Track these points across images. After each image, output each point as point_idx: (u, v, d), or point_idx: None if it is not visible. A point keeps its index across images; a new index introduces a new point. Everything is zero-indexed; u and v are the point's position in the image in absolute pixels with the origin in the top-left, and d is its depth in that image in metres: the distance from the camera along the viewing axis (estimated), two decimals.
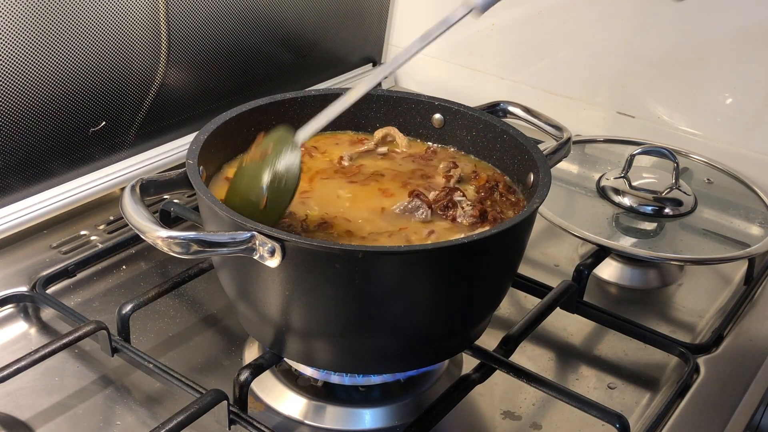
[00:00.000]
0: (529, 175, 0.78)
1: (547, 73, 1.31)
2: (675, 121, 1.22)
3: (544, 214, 0.99)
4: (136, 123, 1.07)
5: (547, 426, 0.77)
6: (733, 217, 1.05)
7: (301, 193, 0.77)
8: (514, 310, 0.92)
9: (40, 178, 0.99)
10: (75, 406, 0.75)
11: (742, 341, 0.89)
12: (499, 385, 0.80)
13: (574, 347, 0.88)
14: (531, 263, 1.00)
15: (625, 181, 1.05)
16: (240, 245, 0.62)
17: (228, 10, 1.12)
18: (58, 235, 0.98)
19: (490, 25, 1.34)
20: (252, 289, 0.69)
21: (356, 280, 0.64)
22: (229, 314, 0.88)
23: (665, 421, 0.76)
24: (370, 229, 0.73)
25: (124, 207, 0.64)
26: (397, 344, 0.71)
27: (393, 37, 1.47)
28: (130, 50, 1.02)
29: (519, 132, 0.82)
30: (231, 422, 0.71)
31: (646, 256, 0.95)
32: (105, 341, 0.79)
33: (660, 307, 0.96)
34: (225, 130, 0.79)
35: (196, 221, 0.97)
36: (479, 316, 0.75)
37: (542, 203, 0.70)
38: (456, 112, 0.87)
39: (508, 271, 0.75)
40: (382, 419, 0.76)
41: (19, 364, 0.73)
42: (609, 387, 0.82)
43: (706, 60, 1.17)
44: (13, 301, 0.87)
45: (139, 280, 0.93)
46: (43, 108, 0.95)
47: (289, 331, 0.70)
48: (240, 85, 1.19)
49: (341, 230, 0.73)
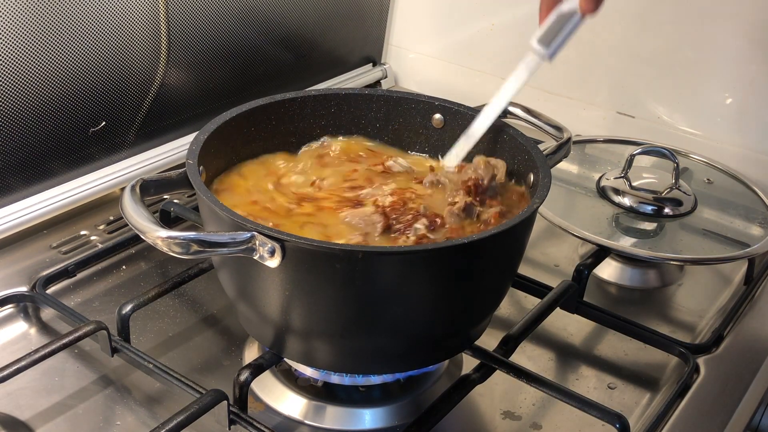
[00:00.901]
0: (529, 175, 0.78)
1: (547, 73, 1.31)
2: (675, 121, 1.22)
3: (544, 214, 0.99)
4: (136, 123, 1.07)
5: (547, 426, 0.77)
6: (733, 217, 1.05)
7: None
8: (514, 310, 0.92)
9: (40, 178, 0.99)
10: (75, 406, 0.75)
11: (742, 341, 0.89)
12: (499, 385, 0.80)
13: (574, 347, 0.88)
14: (531, 263, 1.00)
15: (625, 181, 1.05)
16: (240, 245, 0.62)
17: (228, 10, 1.12)
18: (58, 235, 0.98)
19: (490, 25, 1.34)
20: (252, 289, 0.69)
21: (356, 280, 0.64)
22: (229, 314, 0.88)
23: (665, 421, 0.76)
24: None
25: (124, 207, 0.64)
26: (397, 344, 0.71)
27: (393, 37, 1.47)
28: (130, 50, 1.02)
29: (519, 132, 0.82)
30: (231, 422, 0.71)
31: (646, 256, 0.95)
32: (105, 341, 0.79)
33: (660, 307, 0.96)
34: (225, 130, 0.79)
35: (196, 221, 0.97)
36: (479, 316, 0.75)
37: (542, 203, 0.70)
38: (456, 112, 0.87)
39: (508, 271, 0.75)
40: (382, 419, 0.76)
41: (19, 364, 0.73)
42: (609, 387, 0.82)
43: (706, 60, 1.17)
44: (13, 301, 0.87)
45: (139, 280, 0.93)
46: (43, 108, 0.95)
47: (289, 331, 0.70)
48: (240, 85, 1.19)
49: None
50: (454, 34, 1.40)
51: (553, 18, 0.77)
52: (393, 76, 1.49)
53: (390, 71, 1.48)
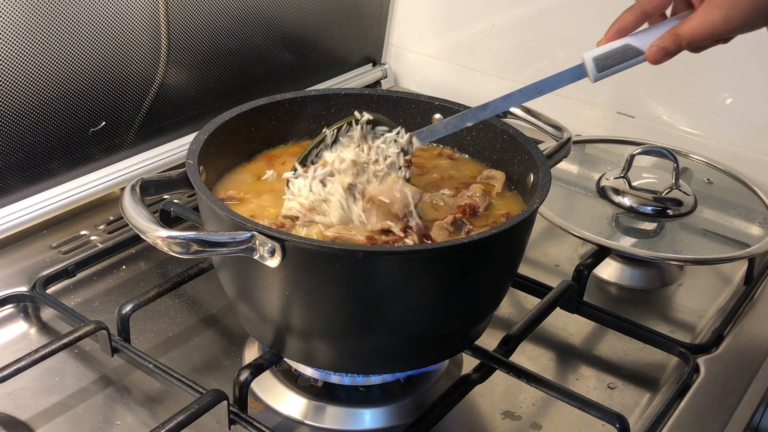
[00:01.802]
0: (529, 175, 0.78)
1: (547, 73, 1.31)
2: (675, 121, 1.22)
3: (544, 214, 0.99)
4: (136, 123, 1.07)
5: (547, 426, 0.77)
6: (733, 217, 1.05)
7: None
8: (514, 310, 0.92)
9: (40, 178, 0.99)
10: (75, 406, 0.75)
11: (742, 341, 0.89)
12: (499, 385, 0.80)
13: (574, 347, 0.88)
14: (531, 263, 1.00)
15: (625, 181, 1.05)
16: (240, 245, 0.62)
17: (228, 10, 1.12)
18: (58, 235, 0.98)
19: (490, 25, 1.34)
20: (252, 289, 0.69)
21: (356, 280, 0.64)
22: (229, 314, 0.88)
23: (665, 421, 0.76)
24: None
25: (124, 207, 0.64)
26: (397, 344, 0.71)
27: (393, 37, 1.47)
28: (130, 50, 1.02)
29: (519, 132, 0.82)
30: (231, 422, 0.71)
31: (646, 256, 0.95)
32: (105, 341, 0.79)
33: (660, 307, 0.96)
34: (225, 130, 0.79)
35: (196, 221, 0.97)
36: (479, 316, 0.75)
37: (542, 203, 0.70)
38: (456, 112, 0.87)
39: (508, 271, 0.75)
40: (382, 419, 0.76)
41: (19, 364, 0.73)
42: (609, 387, 0.82)
43: (706, 60, 1.16)
44: (13, 301, 0.87)
45: (139, 280, 0.93)
46: (43, 108, 0.95)
47: (289, 331, 0.70)
48: (240, 85, 1.19)
49: None
50: (454, 34, 1.40)
51: (619, 45, 0.71)
52: (393, 76, 1.49)
53: (390, 71, 1.48)
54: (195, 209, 0.99)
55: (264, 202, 0.78)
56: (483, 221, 0.77)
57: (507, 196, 0.81)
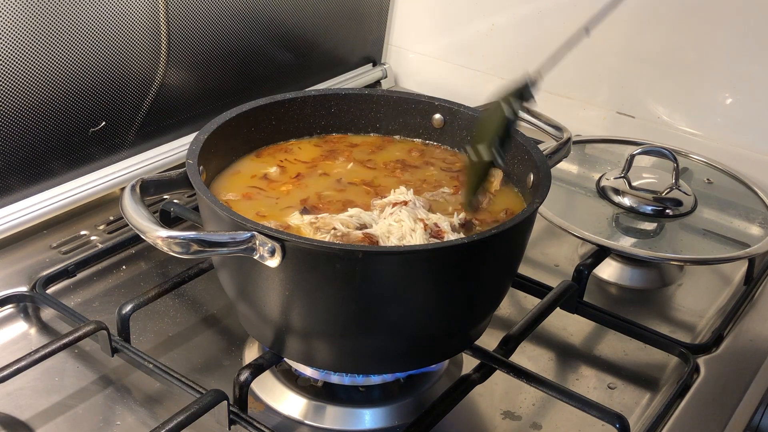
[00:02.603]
0: (529, 175, 0.78)
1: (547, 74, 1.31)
2: (675, 121, 1.22)
3: (544, 214, 0.99)
4: (136, 123, 1.07)
5: (547, 426, 0.77)
6: (733, 217, 1.05)
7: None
8: (514, 310, 0.92)
9: (40, 178, 0.99)
10: (75, 406, 0.75)
11: (742, 341, 0.89)
12: (499, 385, 0.80)
13: (574, 347, 0.88)
14: (531, 263, 1.00)
15: (625, 181, 1.05)
16: (240, 245, 0.62)
17: (228, 10, 1.12)
18: (58, 235, 0.98)
19: (490, 25, 1.34)
20: (252, 289, 0.69)
21: (356, 280, 0.64)
22: (229, 314, 0.88)
23: (665, 421, 0.76)
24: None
25: (124, 207, 0.64)
26: (397, 344, 0.71)
27: (393, 37, 1.47)
28: (130, 50, 1.02)
29: (519, 132, 0.81)
30: (231, 422, 0.71)
31: (646, 256, 0.95)
32: (105, 341, 0.79)
33: (660, 307, 0.96)
34: (225, 130, 0.79)
35: (196, 221, 0.97)
36: (479, 316, 0.75)
37: (542, 203, 0.70)
38: (456, 112, 0.87)
39: (508, 271, 0.75)
40: (382, 419, 0.76)
41: (19, 364, 0.73)
42: (609, 387, 0.82)
43: (706, 60, 1.17)
44: (13, 301, 0.87)
45: (139, 280, 0.93)
46: (43, 108, 0.95)
47: (289, 331, 0.70)
48: (240, 85, 1.19)
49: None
50: (454, 34, 1.40)
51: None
52: (393, 76, 1.49)
53: (390, 71, 1.48)
54: (195, 209, 0.99)
55: (267, 201, 0.78)
56: (483, 216, 0.77)
57: (504, 191, 0.81)
